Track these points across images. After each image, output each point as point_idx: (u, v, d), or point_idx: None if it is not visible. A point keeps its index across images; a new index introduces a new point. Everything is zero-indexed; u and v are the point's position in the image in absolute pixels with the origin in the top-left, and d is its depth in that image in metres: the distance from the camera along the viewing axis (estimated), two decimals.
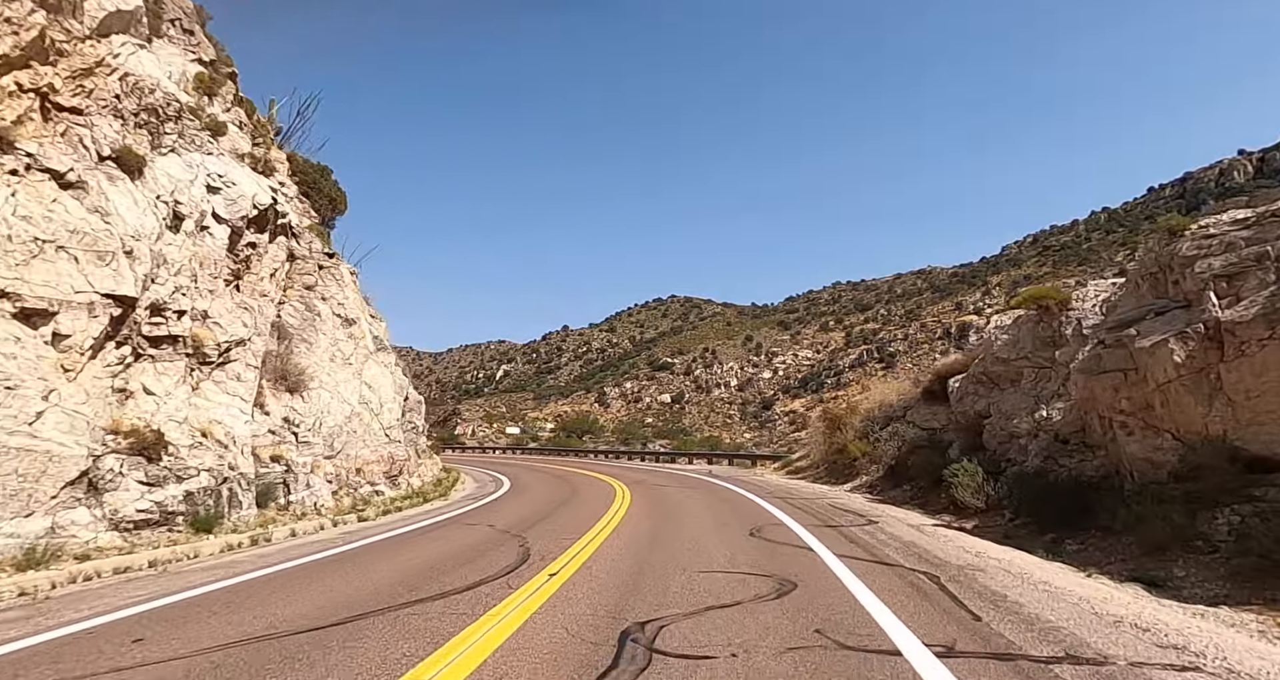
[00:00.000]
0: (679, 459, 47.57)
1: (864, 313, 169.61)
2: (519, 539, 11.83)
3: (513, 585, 8.02)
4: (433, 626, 6.27)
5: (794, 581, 8.25)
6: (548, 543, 11.35)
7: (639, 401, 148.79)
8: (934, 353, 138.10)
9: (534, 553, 10.37)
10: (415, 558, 10.24)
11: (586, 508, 16.07)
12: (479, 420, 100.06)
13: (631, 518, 14.03)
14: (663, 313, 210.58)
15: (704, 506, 15.85)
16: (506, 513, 15.65)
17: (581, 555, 10.13)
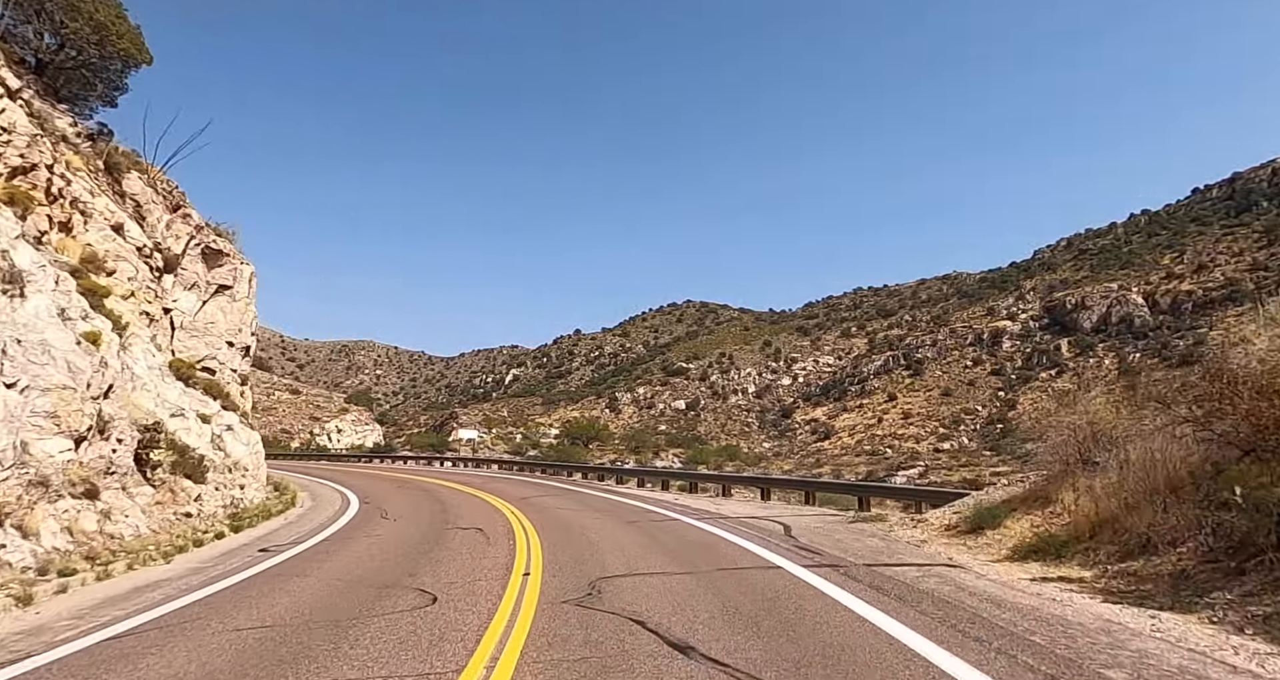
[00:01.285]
0: (672, 485, 24.77)
1: (887, 319, 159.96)
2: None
3: None
4: None
5: None
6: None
7: (652, 408, 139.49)
8: (964, 359, 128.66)
9: None
10: None
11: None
12: (477, 425, 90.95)
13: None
14: (677, 317, 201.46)
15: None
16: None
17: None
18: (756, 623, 6.23)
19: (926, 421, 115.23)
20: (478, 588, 7.93)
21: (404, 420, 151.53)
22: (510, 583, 8.16)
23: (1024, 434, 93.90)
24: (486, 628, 6.09)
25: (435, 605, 7.10)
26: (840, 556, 9.99)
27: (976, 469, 63.59)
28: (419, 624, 6.34)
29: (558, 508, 17.45)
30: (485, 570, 9.27)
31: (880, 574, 8.59)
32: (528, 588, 7.82)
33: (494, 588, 7.88)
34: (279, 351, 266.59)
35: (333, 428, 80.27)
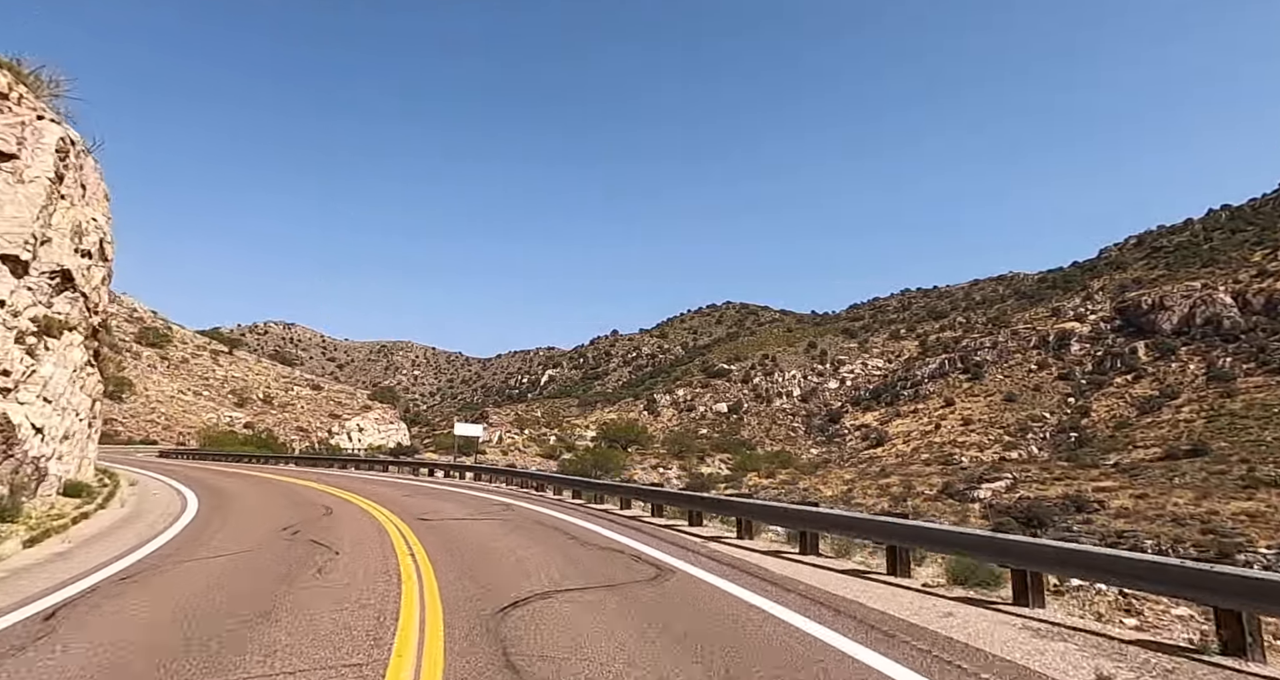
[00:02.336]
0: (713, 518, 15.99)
1: (939, 320, 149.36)
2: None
3: None
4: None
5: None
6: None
7: (692, 410, 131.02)
8: (1028, 363, 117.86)
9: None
10: None
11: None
12: (508, 425, 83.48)
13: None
14: (716, 319, 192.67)
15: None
16: None
17: None
18: None
19: (989, 428, 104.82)
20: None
21: (438, 421, 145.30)
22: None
23: (1106, 443, 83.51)
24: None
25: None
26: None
27: (1074, 482, 53.98)
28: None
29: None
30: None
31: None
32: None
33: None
34: (319, 351, 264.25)
35: (353, 426, 73.51)
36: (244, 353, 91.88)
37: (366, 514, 13.90)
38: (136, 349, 73.44)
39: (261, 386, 78.86)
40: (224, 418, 64.73)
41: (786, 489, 65.02)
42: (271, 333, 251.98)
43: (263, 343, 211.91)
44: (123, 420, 56.60)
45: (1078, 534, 46.77)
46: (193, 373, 75.76)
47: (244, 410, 69.38)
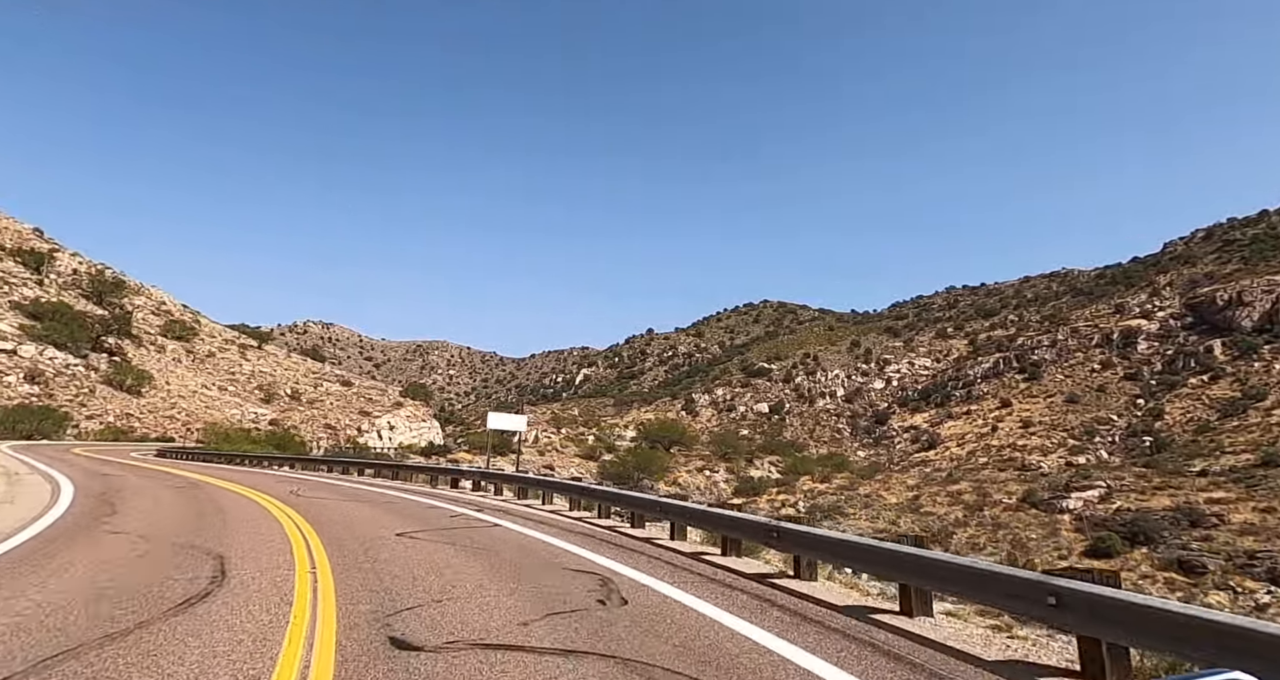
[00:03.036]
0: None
1: (988, 319, 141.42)
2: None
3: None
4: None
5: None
6: None
7: (732, 410, 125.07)
8: (1090, 362, 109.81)
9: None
10: None
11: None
12: (544, 424, 78.54)
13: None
14: (754, 318, 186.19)
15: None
16: None
17: None
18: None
19: (1052, 431, 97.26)
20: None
21: (472, 420, 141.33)
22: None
23: (1188, 448, 75.69)
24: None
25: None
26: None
27: (1179, 492, 47.11)
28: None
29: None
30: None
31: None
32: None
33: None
34: (357, 351, 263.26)
35: (384, 424, 69.11)
36: (273, 347, 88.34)
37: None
38: (161, 342, 70.11)
39: (289, 382, 75.09)
40: (248, 414, 60.87)
41: (845, 495, 59.04)
42: (310, 332, 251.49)
43: (301, 342, 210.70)
44: (140, 416, 52.92)
45: (1198, 553, 40.15)
46: (219, 367, 72.24)
47: (270, 406, 65.54)
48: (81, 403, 49.92)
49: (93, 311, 62.38)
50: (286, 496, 15.01)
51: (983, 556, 46.08)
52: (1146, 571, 40.51)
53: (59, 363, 52.00)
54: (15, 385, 47.31)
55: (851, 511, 55.12)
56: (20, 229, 73.78)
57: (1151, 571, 40.35)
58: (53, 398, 48.55)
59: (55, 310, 56.08)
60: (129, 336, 63.64)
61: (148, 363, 61.33)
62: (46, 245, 72.54)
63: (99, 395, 51.98)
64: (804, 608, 6.57)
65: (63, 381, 50.76)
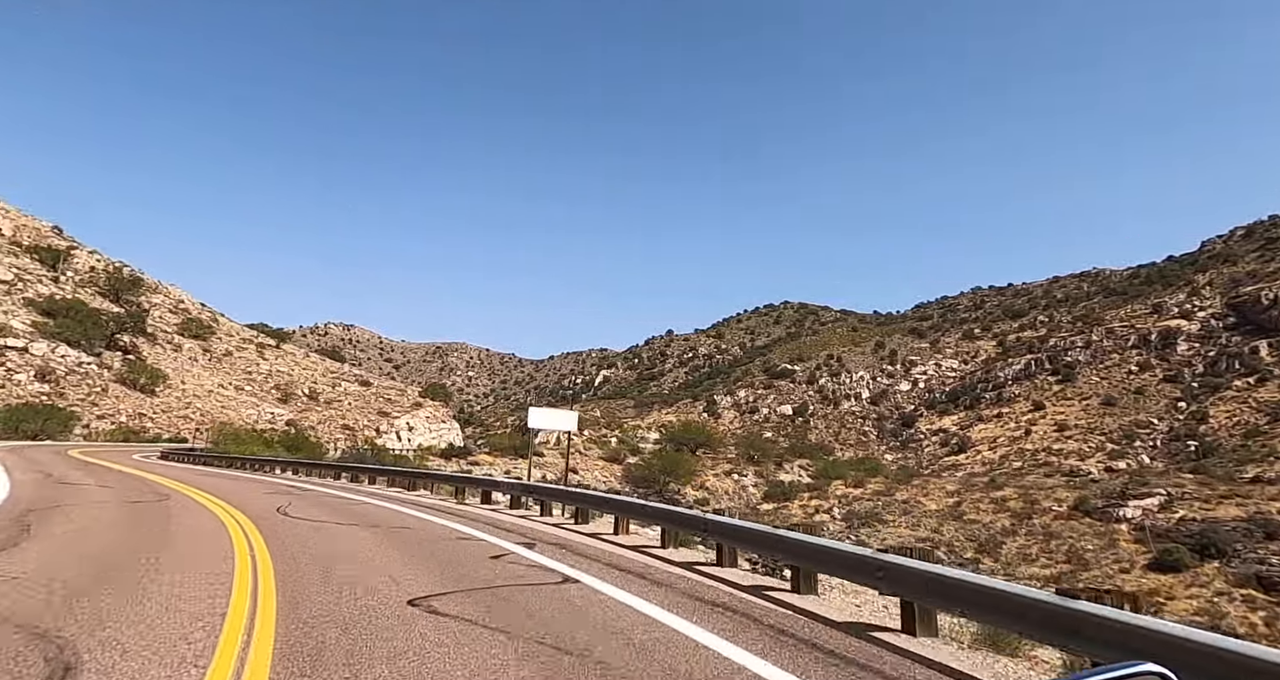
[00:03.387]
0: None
1: (1017, 319, 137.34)
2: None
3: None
4: None
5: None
6: None
7: (754, 412, 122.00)
8: (1128, 364, 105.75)
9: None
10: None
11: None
12: None
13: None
14: (775, 319, 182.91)
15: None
16: None
17: None
18: None
19: (1089, 435, 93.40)
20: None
21: (492, 421, 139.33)
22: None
23: (1238, 453, 71.71)
24: None
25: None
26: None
27: (1245, 502, 43.68)
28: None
29: None
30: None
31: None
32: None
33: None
34: (377, 352, 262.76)
35: (403, 425, 66.94)
36: (291, 346, 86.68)
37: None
38: (178, 341, 68.47)
39: (307, 382, 73.23)
40: (265, 414, 58.96)
41: (882, 500, 56.00)
42: (331, 334, 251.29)
43: (323, 343, 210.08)
44: (153, 415, 51.08)
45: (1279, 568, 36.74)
46: (235, 366, 70.47)
47: (287, 406, 63.66)
48: (93, 402, 48.14)
49: (108, 309, 60.81)
50: (270, 515, 11.93)
51: (1036, 568, 42.94)
52: (1221, 588, 37.07)
53: (71, 361, 50.30)
54: (25, 383, 45.58)
55: (890, 519, 52.08)
56: (39, 226, 72.66)
57: (1226, 588, 36.91)
58: (63, 397, 46.80)
59: (69, 307, 54.49)
60: (144, 334, 61.93)
61: (163, 361, 59.62)
62: (65, 243, 71.36)
63: (111, 394, 50.20)
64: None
65: (74, 380, 49.02)
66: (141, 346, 59.74)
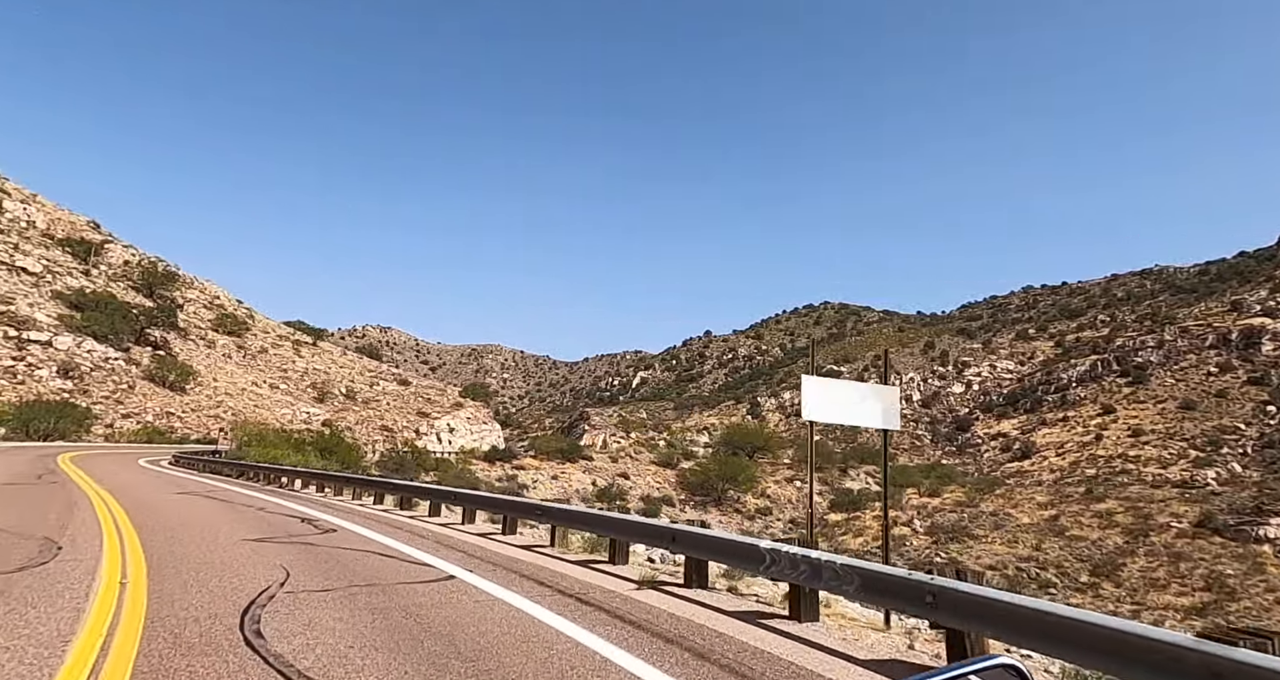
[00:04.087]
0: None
1: (1074, 319, 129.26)
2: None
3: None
4: None
5: None
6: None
7: (799, 415, 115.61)
8: (1205, 364, 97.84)
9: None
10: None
11: None
12: (612, 428, 71.11)
13: None
14: (815, 320, 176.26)
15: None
16: None
17: None
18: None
19: (1168, 441, 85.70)
20: None
21: (529, 423, 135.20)
22: None
23: None
24: None
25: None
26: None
27: None
28: None
29: None
30: None
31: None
32: None
33: None
34: (413, 354, 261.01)
35: (443, 426, 62.58)
36: (329, 344, 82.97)
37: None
38: (211, 336, 64.99)
39: (344, 380, 69.37)
40: (300, 413, 55.03)
41: (966, 512, 50.07)
42: (369, 336, 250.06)
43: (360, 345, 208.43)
44: (182, 415, 47.25)
45: None
46: (270, 364, 66.83)
47: (323, 406, 59.75)
48: (118, 400, 44.39)
49: (140, 303, 57.44)
50: (228, 627, 5.70)
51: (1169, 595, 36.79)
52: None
53: (97, 356, 46.69)
54: (47, 379, 41.96)
55: (981, 533, 46.19)
56: (74, 220, 69.93)
57: None
58: (87, 394, 43.12)
59: (98, 300, 51.01)
60: (175, 329, 58.42)
61: (195, 358, 56.02)
62: (100, 237, 68.48)
63: (138, 391, 46.45)
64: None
65: (100, 376, 45.33)
66: (173, 342, 56.22)
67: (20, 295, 48.17)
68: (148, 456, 28.71)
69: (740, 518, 53.78)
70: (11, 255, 52.41)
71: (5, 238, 54.84)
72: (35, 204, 66.54)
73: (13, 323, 44.30)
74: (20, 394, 39.00)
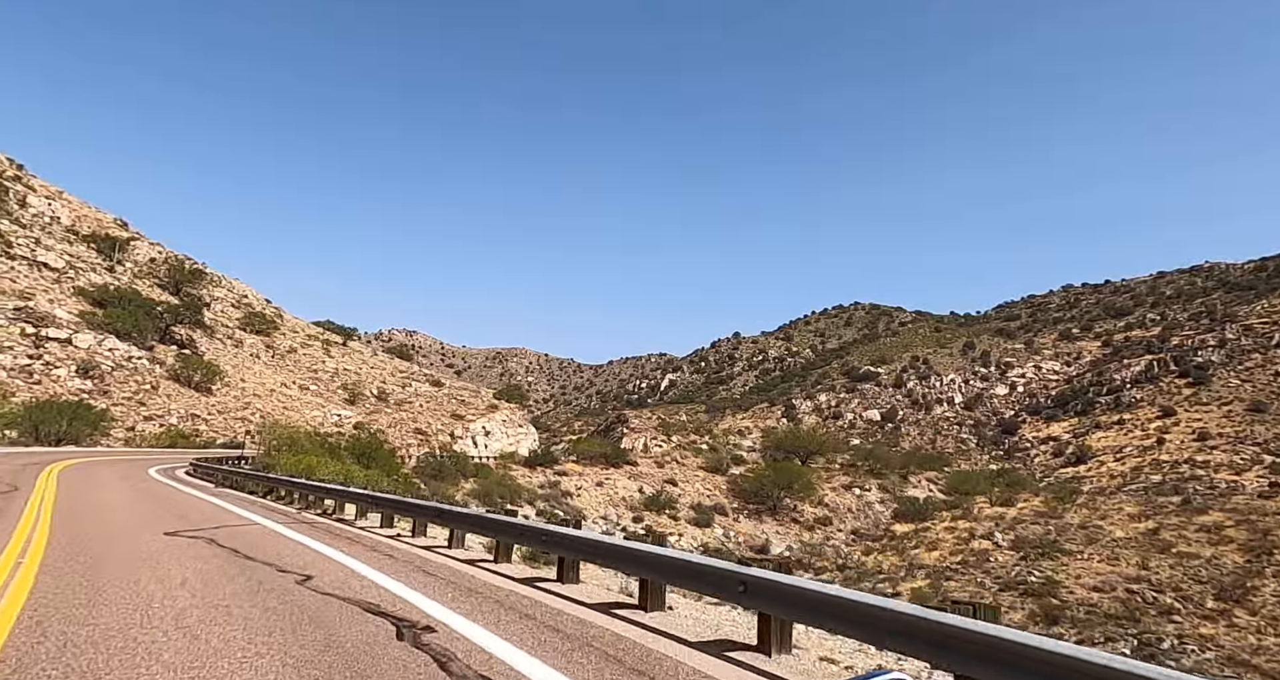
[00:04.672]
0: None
1: (1120, 318, 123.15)
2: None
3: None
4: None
5: None
6: None
7: (839, 418, 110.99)
8: (1273, 364, 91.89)
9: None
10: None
11: None
12: (652, 431, 66.99)
13: None
14: (845, 321, 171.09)
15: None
16: None
17: None
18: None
19: (1238, 445, 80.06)
20: None
21: (557, 426, 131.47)
22: None
23: None
24: None
25: None
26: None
27: None
28: None
29: None
30: None
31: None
32: None
33: None
34: (439, 358, 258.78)
35: (478, 429, 58.87)
36: (358, 345, 79.56)
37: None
38: (238, 336, 61.76)
39: (376, 381, 65.86)
40: (331, 416, 51.60)
41: (1051, 524, 45.31)
42: (395, 339, 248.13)
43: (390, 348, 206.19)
44: (208, 416, 43.89)
45: None
46: (300, 364, 63.49)
47: (355, 408, 56.26)
48: (140, 401, 41.08)
49: (165, 300, 54.30)
50: None
51: None
52: None
53: (119, 354, 43.44)
54: (64, 379, 38.74)
55: (1074, 548, 41.48)
56: (101, 217, 67.22)
57: None
58: (108, 395, 39.87)
59: (121, 296, 47.84)
60: (201, 326, 55.20)
61: (222, 357, 52.78)
62: (127, 235, 65.67)
63: (162, 392, 43.14)
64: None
65: (121, 376, 42.06)
66: (199, 340, 53.02)
67: (40, 291, 45.14)
68: (163, 463, 24.95)
69: (798, 528, 49.39)
70: (33, 250, 49.46)
71: (27, 232, 51.94)
72: (61, 201, 63.89)
73: (31, 319, 41.15)
74: (36, 395, 35.71)
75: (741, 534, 47.78)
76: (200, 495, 16.29)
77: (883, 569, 41.54)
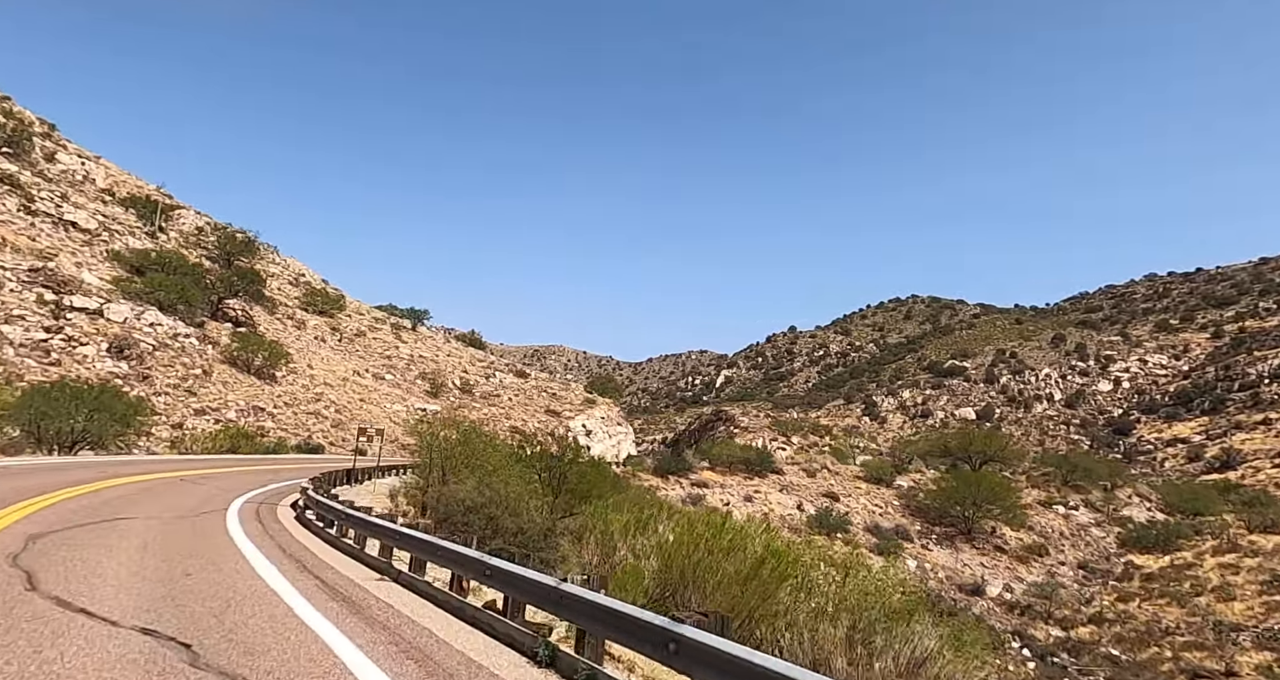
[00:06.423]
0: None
1: (1223, 308, 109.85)
2: None
3: None
4: None
5: None
6: None
7: (927, 416, 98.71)
8: None
9: None
10: None
11: None
12: (769, 431, 55.45)
13: None
14: (904, 314, 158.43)
15: None
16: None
17: None
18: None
19: None
20: None
21: None
22: None
23: None
24: None
25: None
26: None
27: None
28: None
29: None
30: None
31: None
32: None
33: None
34: None
35: (578, 427, 48.00)
36: (428, 330, 68.88)
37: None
38: (300, 316, 51.36)
39: (456, 370, 55.18)
40: (413, 410, 40.99)
41: None
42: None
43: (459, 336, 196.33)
44: (273, 410, 33.32)
45: None
46: (371, 349, 53.03)
47: (439, 401, 45.63)
48: (189, 390, 30.52)
49: (215, 270, 43.94)
50: None
51: None
52: None
53: (163, 331, 32.92)
54: (92, 359, 28.24)
55: None
56: (141, 184, 57.17)
57: None
58: (148, 381, 29.37)
59: (165, 262, 37.34)
60: (261, 300, 44.90)
61: (284, 339, 42.36)
62: (169, 202, 55.58)
63: (216, 378, 32.58)
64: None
65: (165, 358, 31.52)
66: (257, 318, 42.62)
67: (66, 251, 34.80)
68: (244, 491, 13.87)
69: (1006, 557, 37.66)
70: (58, 207, 39.16)
71: (52, 187, 41.65)
72: (98, 165, 53.86)
73: (51, 283, 30.61)
74: (53, 378, 25.05)
75: (939, 567, 36.10)
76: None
77: (1171, 627, 29.87)
